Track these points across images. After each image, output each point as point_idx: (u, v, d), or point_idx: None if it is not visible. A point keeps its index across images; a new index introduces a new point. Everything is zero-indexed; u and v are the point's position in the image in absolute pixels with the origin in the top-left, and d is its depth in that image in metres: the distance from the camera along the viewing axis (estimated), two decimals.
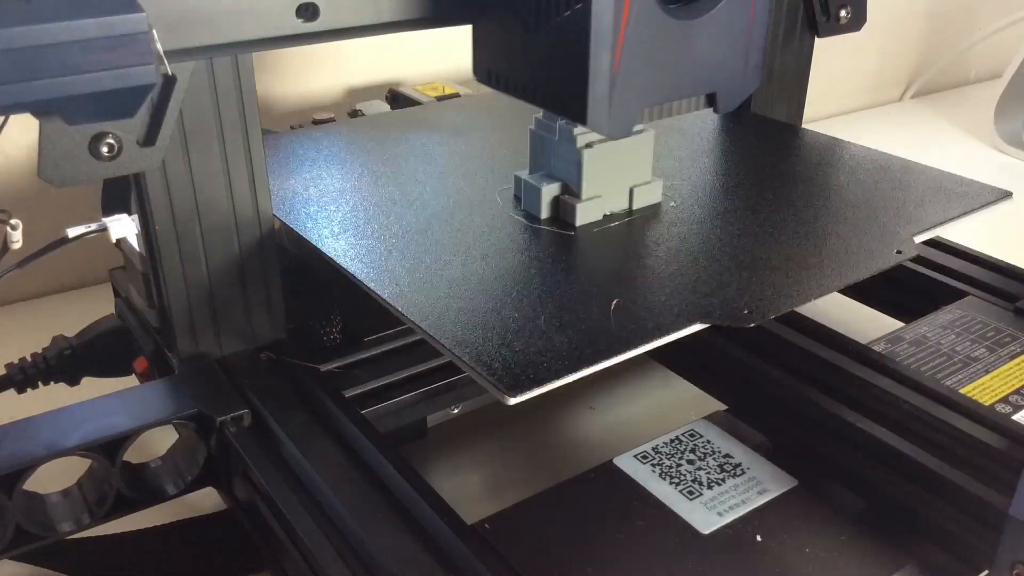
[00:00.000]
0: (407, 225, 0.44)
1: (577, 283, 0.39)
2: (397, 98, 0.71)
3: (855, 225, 0.44)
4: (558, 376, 0.32)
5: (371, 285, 0.38)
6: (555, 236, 0.43)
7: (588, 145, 0.43)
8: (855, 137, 0.56)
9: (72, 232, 0.46)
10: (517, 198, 0.46)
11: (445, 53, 0.80)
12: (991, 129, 0.95)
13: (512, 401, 0.31)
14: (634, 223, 0.45)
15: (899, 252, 0.41)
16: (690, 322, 0.36)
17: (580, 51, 0.35)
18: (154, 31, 0.30)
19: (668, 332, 0.35)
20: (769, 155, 0.53)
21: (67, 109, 0.30)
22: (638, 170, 0.45)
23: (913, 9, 1.09)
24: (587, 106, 0.36)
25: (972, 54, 1.15)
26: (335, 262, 0.40)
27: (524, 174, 0.46)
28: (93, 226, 0.47)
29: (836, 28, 0.59)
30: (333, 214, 0.45)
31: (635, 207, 0.46)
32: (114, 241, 0.47)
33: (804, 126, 0.60)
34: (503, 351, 0.34)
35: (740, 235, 0.43)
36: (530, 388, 0.32)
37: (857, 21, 0.59)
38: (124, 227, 0.47)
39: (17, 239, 0.40)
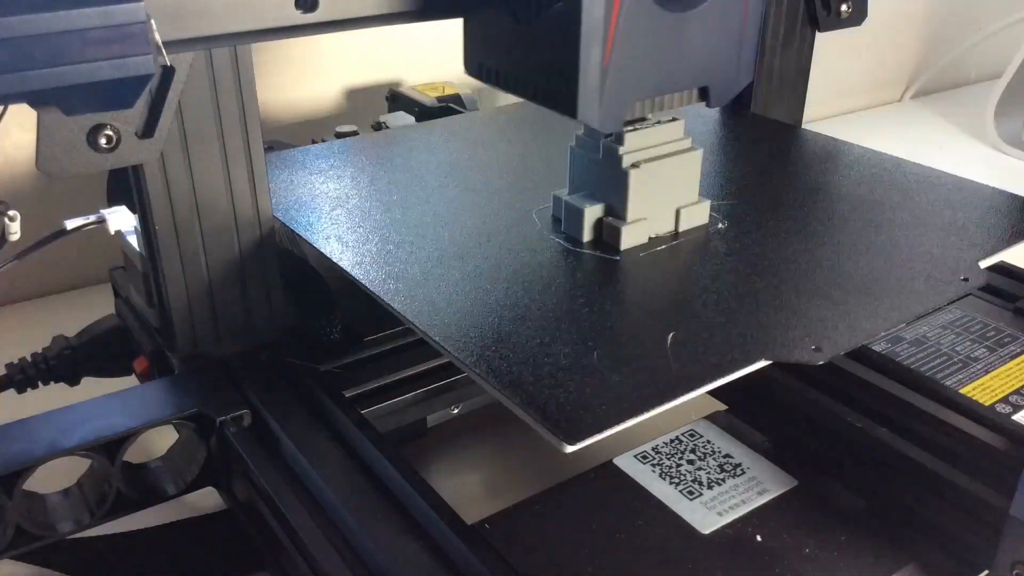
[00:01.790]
0: (443, 249, 0.41)
1: (628, 314, 0.37)
2: (397, 98, 0.71)
3: (914, 249, 0.41)
4: (619, 421, 0.30)
5: (413, 319, 0.36)
6: (599, 261, 0.41)
7: (635, 165, 0.41)
8: (855, 137, 0.56)
9: (70, 224, 0.46)
10: (556, 219, 0.44)
11: (445, 53, 0.80)
12: (991, 129, 0.95)
13: (570, 450, 0.29)
14: (682, 247, 0.42)
15: (965, 280, 0.39)
16: (754, 359, 0.33)
17: (571, 44, 0.34)
18: (152, 21, 0.30)
19: (731, 370, 0.33)
20: (812, 171, 0.51)
21: (65, 99, 0.30)
22: (685, 190, 0.43)
23: (913, 9, 1.09)
24: (578, 100, 0.35)
25: (972, 54, 1.15)
26: (378, 296, 0.38)
27: (564, 194, 0.43)
28: (92, 218, 0.47)
29: (837, 22, 0.58)
30: (363, 236, 0.43)
31: (682, 229, 0.43)
32: (112, 233, 0.47)
33: (804, 126, 0.60)
34: (556, 392, 0.31)
35: (795, 260, 0.40)
36: (589, 435, 0.29)
37: (858, 15, 0.58)
38: (122, 219, 0.47)
39: (15, 231, 0.40)
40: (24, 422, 0.38)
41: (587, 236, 0.42)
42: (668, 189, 0.42)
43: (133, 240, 0.45)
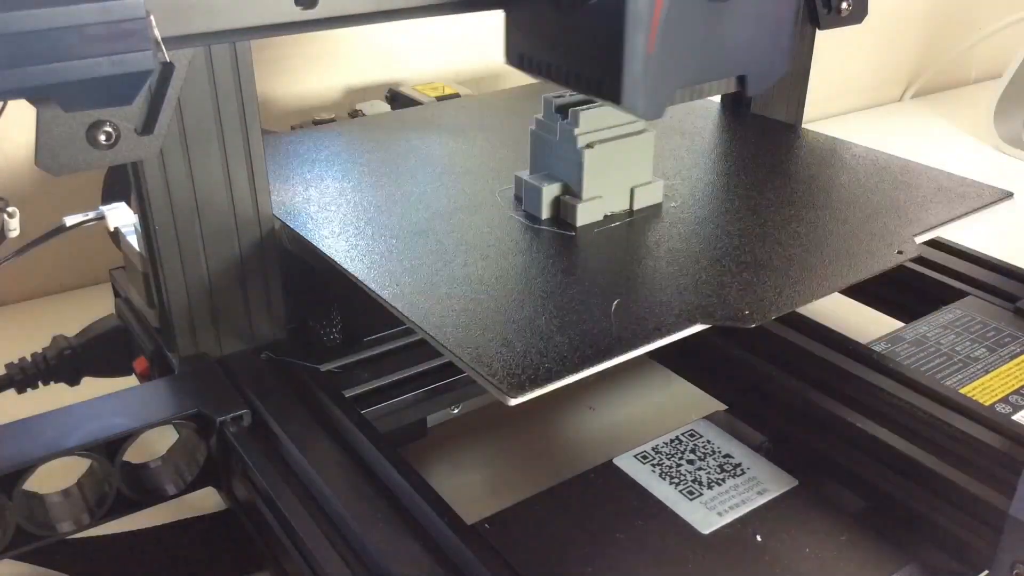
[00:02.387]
0: (407, 225, 0.43)
1: (578, 283, 0.39)
2: (397, 98, 0.71)
3: (856, 225, 0.44)
4: (559, 377, 0.32)
5: (371, 286, 0.38)
6: (556, 236, 0.43)
7: (589, 145, 0.43)
8: (855, 137, 0.56)
9: (70, 220, 0.46)
10: (518, 198, 0.46)
11: (445, 53, 0.80)
12: (991, 129, 0.95)
13: (513, 402, 0.31)
14: (635, 223, 0.44)
15: (900, 252, 0.41)
16: (691, 322, 0.36)
17: (616, 32, 0.34)
18: (152, 17, 0.30)
19: (669, 332, 0.35)
20: (770, 155, 0.53)
21: (64, 95, 0.30)
22: (639, 170, 0.45)
23: (913, 9, 1.09)
24: (622, 88, 0.35)
25: (972, 54, 1.15)
26: (335, 262, 0.40)
27: (525, 174, 0.46)
28: (91, 214, 0.47)
29: (838, 20, 0.58)
30: (333, 214, 0.45)
31: (636, 207, 0.45)
32: (111, 229, 0.47)
33: (804, 126, 0.60)
34: (504, 352, 0.33)
35: (741, 235, 0.43)
36: (531, 389, 0.32)
37: (859, 12, 0.58)
38: (121, 215, 0.47)
39: (15, 227, 0.40)
40: (24, 422, 0.38)
41: (545, 214, 0.45)
42: (622, 169, 0.45)
43: (133, 240, 0.45)
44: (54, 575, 0.41)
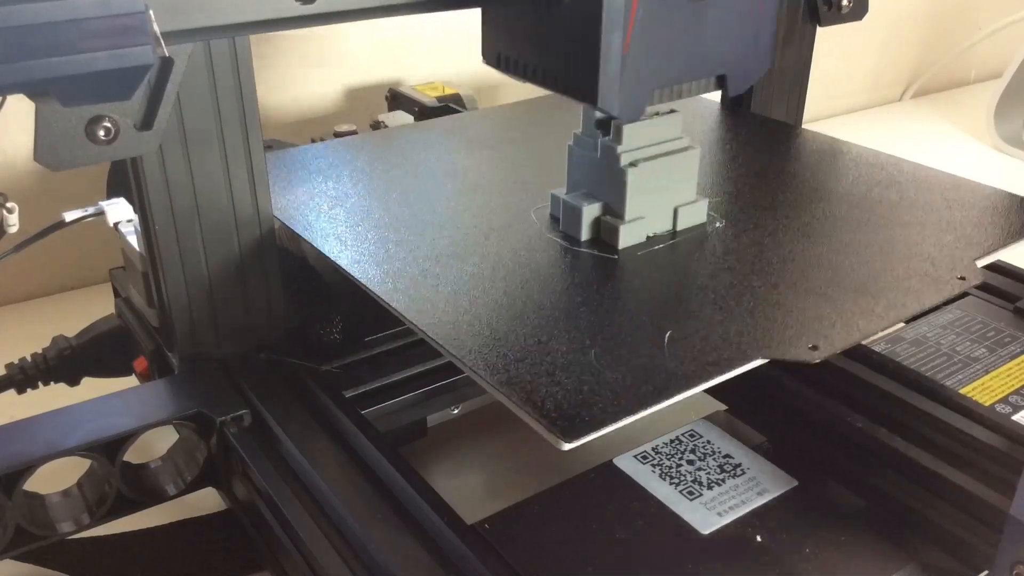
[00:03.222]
0: (441, 248, 0.41)
1: (625, 312, 0.37)
2: (397, 98, 0.71)
3: (911, 248, 0.41)
4: (615, 419, 0.30)
5: (410, 317, 0.36)
6: (598, 260, 0.41)
7: (633, 164, 0.41)
8: (855, 137, 0.56)
9: (69, 216, 0.46)
10: (554, 218, 0.44)
11: (445, 53, 0.80)
12: (991, 129, 0.95)
13: (567, 447, 0.29)
14: (680, 246, 0.42)
15: (962, 279, 0.39)
16: (751, 357, 0.33)
17: (591, 31, 0.34)
18: (151, 11, 0.30)
19: (729, 368, 0.33)
20: (811, 170, 0.51)
21: (63, 90, 0.30)
22: (683, 189, 0.43)
23: (913, 9, 1.09)
24: (598, 88, 0.35)
25: (972, 54, 1.15)
26: (374, 293, 0.38)
27: (562, 193, 0.44)
28: (90, 210, 0.47)
29: (838, 17, 0.58)
30: (362, 235, 0.43)
31: (679, 227, 0.43)
32: (111, 225, 0.47)
33: (804, 126, 0.60)
34: (553, 389, 0.31)
35: (793, 260, 0.40)
36: (586, 433, 0.29)
37: (859, 9, 0.58)
38: (121, 211, 0.47)
39: (14, 223, 0.39)
40: (24, 422, 0.38)
41: (585, 235, 0.42)
42: (666, 188, 0.42)
43: (133, 240, 0.45)
44: (54, 575, 0.41)
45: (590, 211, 0.42)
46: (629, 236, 0.42)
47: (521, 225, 0.44)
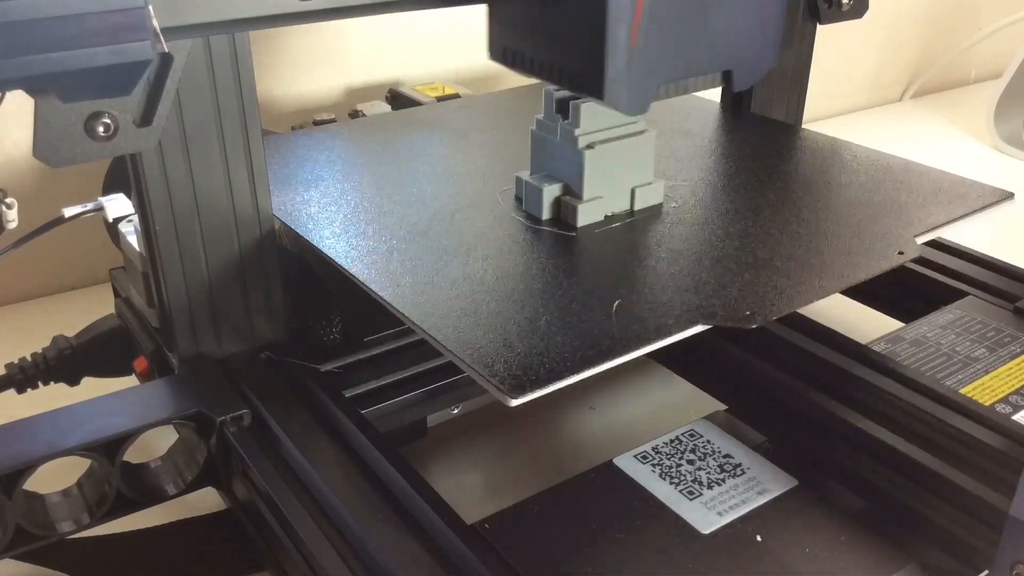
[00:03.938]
0: (408, 226, 0.44)
1: (579, 284, 0.39)
2: (397, 98, 0.71)
3: (857, 226, 0.44)
4: (560, 378, 0.32)
5: (372, 286, 0.38)
6: (557, 237, 0.43)
7: (589, 146, 0.43)
8: (855, 137, 0.56)
9: (68, 212, 0.46)
10: (519, 199, 0.46)
11: (445, 53, 0.80)
12: (991, 129, 0.95)
13: (514, 403, 0.31)
14: (635, 224, 0.44)
15: (901, 253, 0.41)
16: (692, 323, 0.36)
17: (598, 26, 0.34)
18: (150, 7, 0.30)
19: (670, 333, 0.35)
20: (770, 156, 0.53)
21: (62, 86, 0.30)
22: (639, 171, 0.45)
23: (913, 9, 1.09)
24: (605, 82, 0.35)
25: (972, 54, 1.15)
26: (336, 263, 0.40)
27: (525, 175, 0.46)
28: (89, 205, 0.47)
29: (838, 15, 0.58)
30: (334, 215, 0.45)
31: (636, 208, 0.46)
32: (110, 220, 0.47)
33: (804, 126, 0.60)
34: (505, 352, 0.33)
35: (742, 236, 0.43)
36: (532, 390, 0.32)
37: (859, 7, 0.58)
38: (120, 206, 0.47)
39: (13, 218, 0.39)
40: (24, 422, 0.38)
41: (546, 214, 0.45)
42: (623, 169, 0.45)
43: (133, 240, 0.45)
44: (54, 575, 0.41)
45: (550, 192, 0.44)
46: (587, 215, 0.44)
47: (487, 206, 0.46)
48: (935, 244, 0.54)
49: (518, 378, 0.32)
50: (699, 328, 0.36)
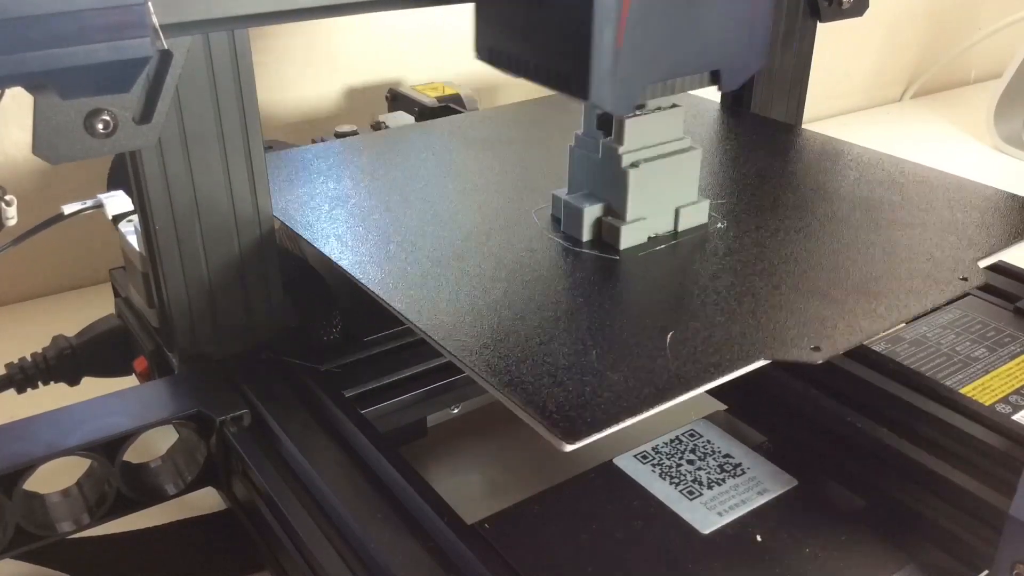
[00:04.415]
0: (442, 249, 0.41)
1: (627, 313, 0.37)
2: (397, 98, 0.71)
3: (913, 249, 0.41)
4: (617, 420, 0.30)
5: (412, 318, 0.36)
6: (599, 261, 0.41)
7: (634, 164, 0.41)
8: (855, 137, 0.56)
9: (68, 209, 0.46)
10: (555, 219, 0.44)
11: (445, 53, 0.80)
12: (991, 129, 0.95)
13: (569, 449, 0.29)
14: (681, 246, 0.42)
15: (964, 279, 0.39)
16: (753, 358, 0.33)
17: (583, 25, 0.33)
18: (150, 3, 0.30)
19: (731, 369, 0.33)
20: (812, 171, 0.51)
21: (61, 82, 0.30)
22: (684, 189, 0.43)
23: (913, 9, 1.09)
24: (590, 82, 0.34)
25: (972, 54, 1.15)
26: (376, 295, 0.38)
27: (563, 193, 0.43)
28: (89, 202, 0.47)
29: (839, 13, 0.58)
30: (363, 236, 0.43)
31: (681, 228, 0.43)
32: (110, 217, 0.47)
33: (804, 126, 0.60)
34: (555, 390, 0.31)
35: (794, 260, 0.40)
36: (588, 434, 0.29)
37: (860, 5, 0.58)
38: (120, 203, 0.47)
39: (12, 215, 0.39)
40: (24, 422, 0.38)
41: (586, 236, 0.42)
42: (667, 189, 0.42)
43: (133, 240, 0.45)
44: (54, 575, 0.41)
45: (591, 212, 0.42)
46: (631, 237, 0.42)
47: (522, 226, 0.44)
48: None
49: (572, 420, 0.30)
50: (760, 363, 0.33)
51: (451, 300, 0.37)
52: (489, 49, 0.39)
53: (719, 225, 0.44)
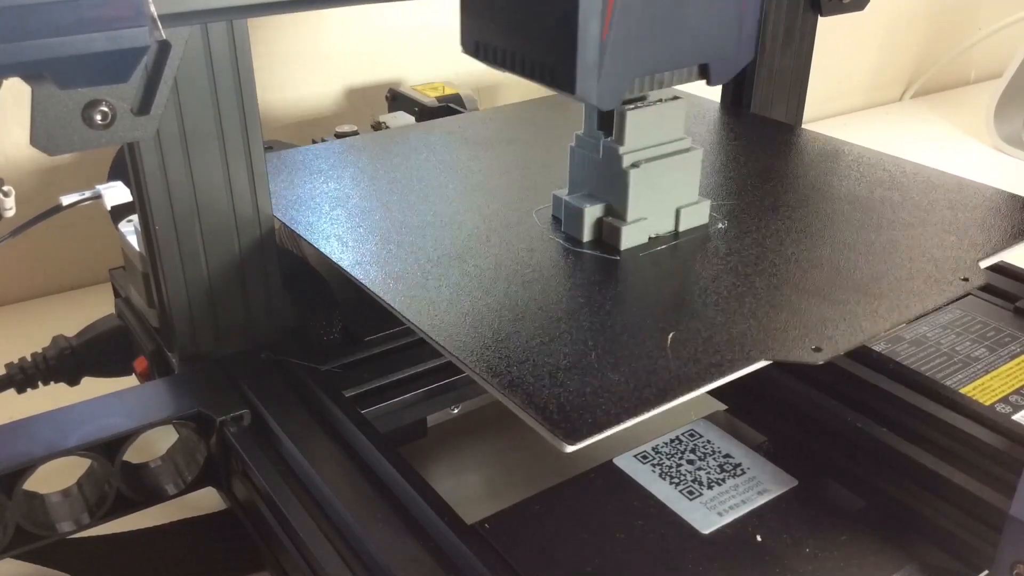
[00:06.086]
0: (443, 249, 0.41)
1: (628, 314, 0.36)
2: (397, 98, 0.71)
3: (915, 249, 0.41)
4: (619, 421, 0.30)
5: (411, 318, 0.36)
6: (600, 261, 0.41)
7: (635, 165, 0.41)
8: (855, 137, 0.56)
9: (66, 200, 0.46)
10: (556, 219, 0.44)
11: (445, 53, 0.80)
12: (991, 129, 0.95)
13: (570, 449, 0.29)
14: (682, 247, 0.42)
15: (965, 280, 0.39)
16: (754, 359, 0.33)
17: (569, 18, 0.33)
18: None
19: (732, 370, 0.33)
20: (812, 171, 0.51)
21: (59, 72, 0.30)
22: (685, 190, 0.43)
23: (913, 9, 1.09)
24: (576, 75, 0.34)
25: (972, 54, 1.15)
26: (376, 294, 0.38)
27: (563, 193, 0.43)
28: (87, 193, 0.47)
29: (840, 7, 0.58)
30: (364, 236, 0.43)
31: (681, 229, 0.43)
32: (108, 208, 0.47)
33: (804, 126, 0.60)
34: (556, 391, 0.31)
35: (795, 260, 0.40)
36: (589, 435, 0.29)
37: (860, 0, 0.58)
38: (118, 194, 0.47)
39: (10, 206, 0.39)
40: (24, 422, 0.38)
41: (587, 236, 0.42)
42: (668, 189, 0.42)
43: (133, 240, 0.45)
44: (54, 575, 0.41)
45: (592, 212, 0.42)
46: (631, 237, 0.42)
47: (523, 226, 0.44)
48: None
49: (573, 422, 0.30)
50: (761, 364, 0.33)
51: (451, 300, 0.37)
52: (475, 43, 0.39)
53: (720, 225, 0.44)
